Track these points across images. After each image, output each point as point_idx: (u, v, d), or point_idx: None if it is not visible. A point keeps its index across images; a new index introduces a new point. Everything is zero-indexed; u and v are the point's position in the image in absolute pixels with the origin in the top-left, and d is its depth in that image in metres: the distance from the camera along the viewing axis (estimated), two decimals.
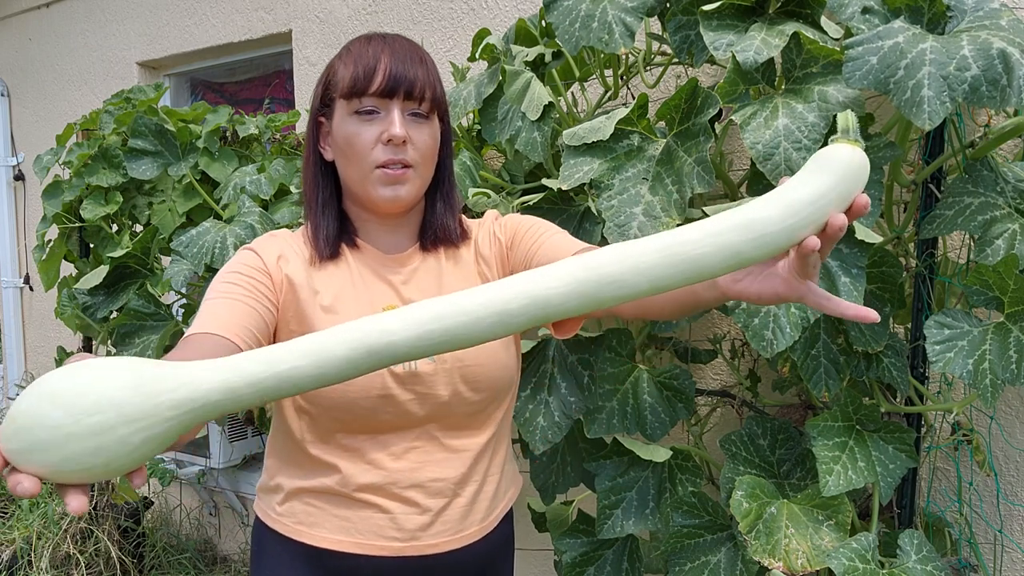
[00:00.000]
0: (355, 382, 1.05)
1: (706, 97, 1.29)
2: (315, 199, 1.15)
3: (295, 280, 1.09)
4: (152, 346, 2.08)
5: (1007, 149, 1.48)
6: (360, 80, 1.06)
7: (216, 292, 1.03)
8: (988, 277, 1.20)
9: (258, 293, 1.05)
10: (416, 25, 2.46)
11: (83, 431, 0.58)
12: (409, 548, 1.10)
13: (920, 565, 1.24)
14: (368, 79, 1.06)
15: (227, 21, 3.11)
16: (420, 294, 1.13)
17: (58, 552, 2.84)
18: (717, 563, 1.38)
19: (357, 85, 1.06)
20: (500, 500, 1.21)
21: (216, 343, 0.93)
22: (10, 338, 4.31)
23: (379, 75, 1.06)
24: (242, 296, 1.02)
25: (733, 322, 1.59)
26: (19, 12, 4.07)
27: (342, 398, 1.06)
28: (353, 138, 1.07)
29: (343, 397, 1.06)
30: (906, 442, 1.32)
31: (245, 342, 0.97)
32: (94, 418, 0.58)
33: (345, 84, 1.08)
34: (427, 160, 1.11)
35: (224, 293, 1.02)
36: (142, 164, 2.27)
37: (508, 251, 1.17)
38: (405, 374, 1.08)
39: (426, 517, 1.11)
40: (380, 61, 1.07)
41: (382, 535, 1.09)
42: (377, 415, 1.08)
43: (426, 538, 1.11)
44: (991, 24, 1.14)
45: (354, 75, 1.07)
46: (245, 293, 1.03)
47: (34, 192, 4.02)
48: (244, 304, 1.02)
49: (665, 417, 1.50)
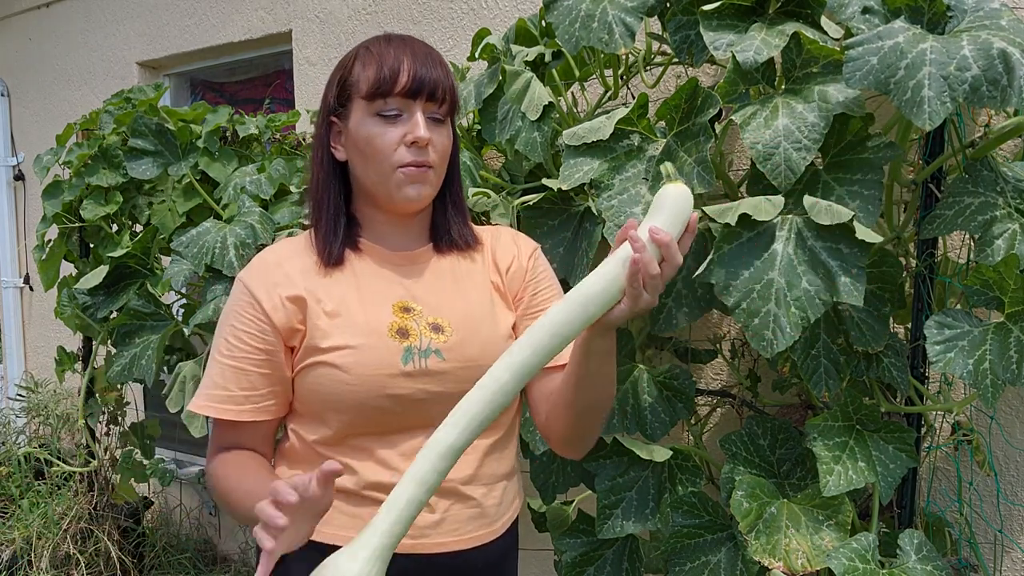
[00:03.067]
0: (365, 381, 1.06)
1: (706, 97, 1.29)
2: (325, 202, 1.15)
3: (303, 297, 1.11)
4: (152, 346, 2.08)
5: (1007, 149, 1.48)
6: (385, 81, 1.07)
7: (224, 352, 1.12)
8: (988, 277, 1.20)
9: (261, 355, 1.10)
10: (416, 25, 2.46)
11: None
12: (418, 546, 1.11)
13: (920, 565, 1.24)
14: (393, 80, 1.07)
15: (227, 21, 3.11)
16: (432, 292, 1.15)
17: (58, 552, 2.84)
18: (717, 563, 1.38)
19: (382, 86, 1.07)
20: (507, 509, 1.21)
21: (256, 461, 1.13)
22: (10, 338, 4.31)
23: (404, 76, 1.07)
24: (248, 365, 1.11)
25: (733, 322, 1.59)
26: (19, 12, 4.07)
27: (352, 398, 1.06)
28: (376, 139, 1.08)
29: (353, 397, 1.06)
30: (906, 442, 1.32)
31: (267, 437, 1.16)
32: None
33: (368, 84, 1.08)
34: (444, 161, 1.14)
35: (232, 357, 1.11)
36: (142, 164, 2.27)
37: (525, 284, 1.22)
38: (415, 370, 1.08)
39: (435, 516, 1.12)
40: (403, 62, 1.08)
41: None
42: (386, 414, 1.08)
43: (435, 536, 1.12)
44: (991, 24, 1.14)
45: (378, 76, 1.07)
46: (249, 360, 1.11)
47: (34, 192, 4.02)
48: (255, 374, 1.11)
49: (665, 417, 1.50)
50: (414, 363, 1.08)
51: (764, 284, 1.19)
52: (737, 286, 1.21)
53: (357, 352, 1.07)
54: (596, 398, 1.09)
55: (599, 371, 1.05)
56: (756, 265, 1.21)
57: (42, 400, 3.65)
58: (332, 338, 1.08)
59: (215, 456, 1.14)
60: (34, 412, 3.66)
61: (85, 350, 2.79)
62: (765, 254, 1.21)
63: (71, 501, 2.92)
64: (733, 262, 1.22)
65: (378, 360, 1.07)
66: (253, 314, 1.10)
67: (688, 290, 1.42)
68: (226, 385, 1.10)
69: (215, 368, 1.12)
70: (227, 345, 1.11)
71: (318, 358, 1.08)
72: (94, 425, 2.71)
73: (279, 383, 1.12)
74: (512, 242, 1.25)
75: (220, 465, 1.12)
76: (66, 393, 3.63)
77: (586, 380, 1.06)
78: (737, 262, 1.22)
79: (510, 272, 1.21)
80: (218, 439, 1.15)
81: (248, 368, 1.10)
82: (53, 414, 3.60)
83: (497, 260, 1.22)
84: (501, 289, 1.20)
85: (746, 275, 1.21)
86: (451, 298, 1.15)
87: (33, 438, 3.77)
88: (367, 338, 1.08)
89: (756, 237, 1.22)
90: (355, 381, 1.06)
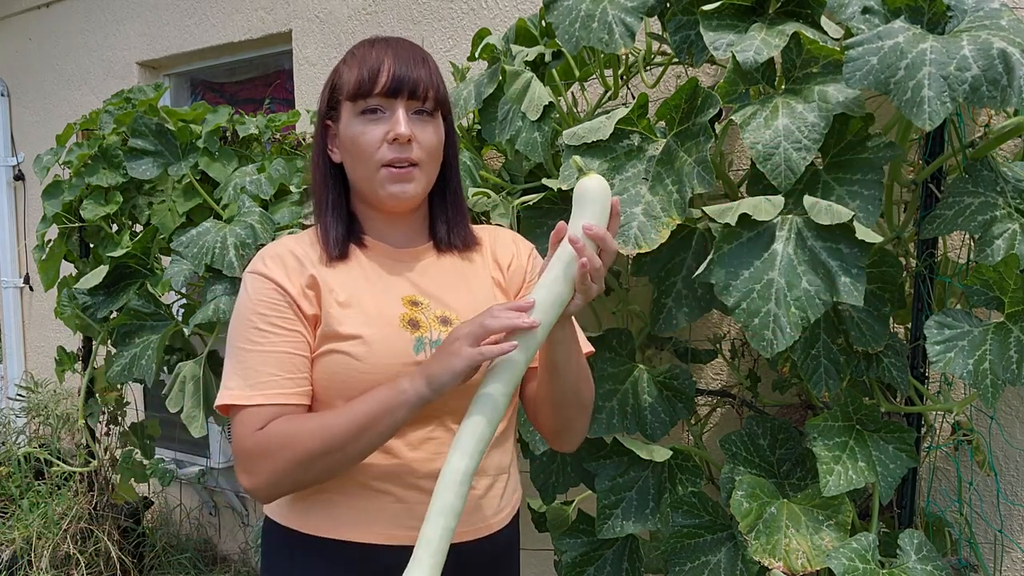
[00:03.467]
0: (378, 369, 1.07)
1: (706, 97, 1.29)
2: (324, 201, 1.18)
3: (317, 283, 1.11)
4: (152, 346, 2.08)
5: (1007, 149, 1.48)
6: (365, 82, 1.10)
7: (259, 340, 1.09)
8: (988, 277, 1.20)
9: (299, 337, 1.10)
10: (416, 25, 2.46)
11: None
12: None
13: (920, 565, 1.24)
14: (372, 80, 1.10)
15: (227, 21, 3.11)
16: (437, 287, 1.17)
17: (58, 552, 2.84)
18: (717, 563, 1.38)
19: (362, 87, 1.10)
20: (508, 500, 1.23)
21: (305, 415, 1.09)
22: (10, 338, 4.31)
23: (383, 76, 1.10)
24: (290, 348, 1.09)
25: (733, 322, 1.59)
26: (19, 12, 4.07)
27: (364, 386, 1.07)
28: (359, 138, 1.11)
29: (365, 385, 1.07)
30: (906, 442, 1.32)
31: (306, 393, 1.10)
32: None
33: (350, 86, 1.11)
34: (432, 158, 1.15)
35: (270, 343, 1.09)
36: (142, 164, 2.27)
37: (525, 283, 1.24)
38: (424, 358, 1.10)
39: None
40: (383, 63, 1.11)
41: (399, 524, 1.11)
42: None
43: None
44: (991, 24, 1.14)
45: (359, 77, 1.11)
46: (289, 343, 1.09)
47: (34, 192, 4.02)
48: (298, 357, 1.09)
49: (665, 417, 1.50)
50: (426, 353, 1.10)
51: (764, 284, 1.19)
52: (737, 286, 1.21)
53: (371, 341, 1.09)
54: (570, 387, 1.13)
55: (567, 359, 1.10)
56: (756, 265, 1.21)
57: (42, 400, 3.65)
58: (345, 326, 1.09)
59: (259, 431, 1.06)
60: (34, 412, 3.66)
61: (85, 350, 2.79)
62: (765, 254, 1.21)
63: (71, 501, 2.92)
64: (733, 262, 1.22)
65: (392, 349, 1.09)
66: (281, 299, 1.10)
67: (688, 290, 1.42)
68: (271, 371, 1.08)
69: (254, 357, 1.08)
70: (260, 333, 1.09)
71: (332, 345, 1.09)
72: (94, 425, 2.71)
73: (311, 368, 1.11)
74: (511, 241, 1.28)
75: (283, 424, 1.06)
76: (66, 393, 3.63)
77: (556, 370, 1.11)
78: (737, 262, 1.22)
79: (510, 269, 1.24)
80: (255, 423, 1.07)
81: (291, 351, 1.09)
82: (53, 414, 3.60)
83: (497, 257, 1.25)
84: (503, 285, 1.23)
85: (746, 275, 1.21)
86: (456, 292, 1.18)
87: (33, 438, 3.77)
88: (380, 328, 1.10)
89: (756, 237, 1.22)
90: (369, 369, 1.08)
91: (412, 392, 1.00)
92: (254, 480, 1.06)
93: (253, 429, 1.06)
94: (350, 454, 1.03)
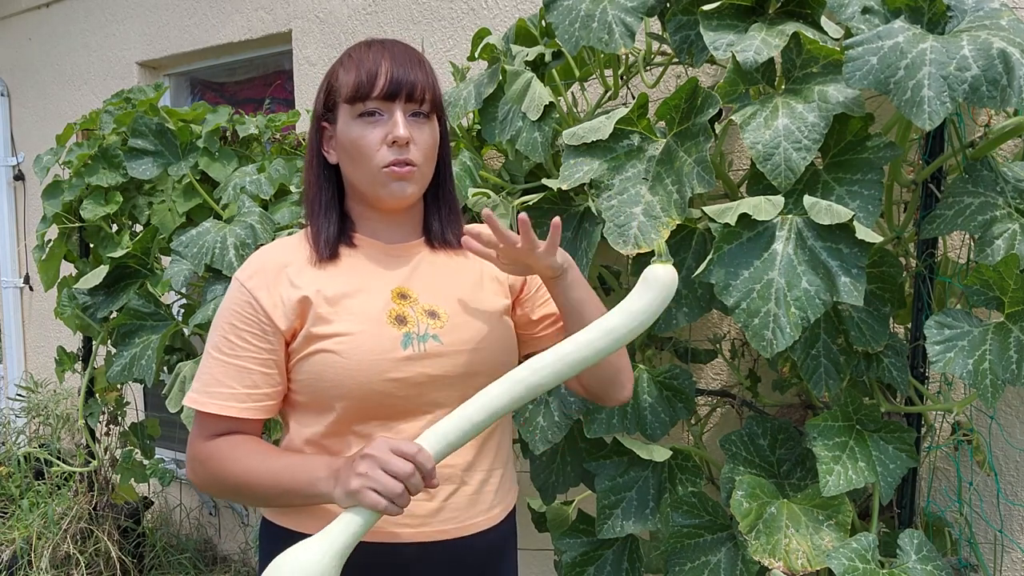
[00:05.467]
0: (365, 366, 1.09)
1: (706, 97, 1.29)
2: (318, 202, 1.19)
3: (306, 296, 1.12)
4: (152, 346, 2.08)
5: (1007, 149, 1.48)
6: (363, 84, 1.11)
7: (226, 351, 1.13)
8: (988, 277, 1.20)
9: (264, 354, 1.12)
10: (416, 25, 2.46)
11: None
12: (419, 534, 1.13)
13: (920, 565, 1.24)
14: (371, 83, 1.10)
15: (227, 21, 3.11)
16: (427, 284, 1.18)
17: (58, 552, 2.84)
18: (717, 563, 1.38)
19: (360, 90, 1.11)
20: (504, 496, 1.23)
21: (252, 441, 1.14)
22: (10, 338, 4.31)
23: (381, 79, 1.11)
24: (252, 364, 1.12)
25: (733, 322, 1.59)
26: (19, 12, 4.07)
27: (352, 382, 1.09)
28: (359, 140, 1.11)
29: (353, 381, 1.09)
30: (906, 442, 1.32)
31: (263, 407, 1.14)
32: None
33: (348, 89, 1.12)
34: (429, 158, 1.16)
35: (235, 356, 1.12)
36: (142, 164, 2.27)
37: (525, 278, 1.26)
38: (415, 354, 1.11)
39: (435, 503, 1.14)
40: (381, 65, 1.11)
41: (395, 521, 1.11)
42: (390, 397, 1.11)
43: (435, 524, 1.14)
44: (991, 24, 1.14)
45: (357, 80, 1.11)
46: (253, 359, 1.12)
47: (34, 192, 4.02)
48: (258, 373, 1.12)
49: (665, 417, 1.50)
50: (414, 347, 1.11)
51: (764, 284, 1.20)
52: (737, 286, 1.21)
53: (355, 339, 1.10)
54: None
55: (580, 301, 1.16)
56: (756, 265, 1.21)
57: (42, 400, 3.66)
58: (331, 325, 1.11)
59: (208, 440, 1.14)
60: (34, 412, 3.67)
61: (85, 350, 2.79)
62: (765, 254, 1.21)
63: (71, 501, 2.92)
64: (733, 262, 1.22)
65: (377, 346, 1.10)
66: (253, 314, 1.12)
67: (688, 290, 1.42)
68: (228, 383, 1.12)
69: (216, 366, 1.13)
70: (228, 344, 1.13)
71: (316, 345, 1.10)
72: (94, 425, 2.71)
73: (279, 384, 1.14)
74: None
75: (224, 445, 1.12)
76: (66, 393, 3.63)
77: (574, 317, 1.16)
78: (737, 262, 1.22)
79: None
80: (208, 428, 1.14)
81: (252, 367, 1.12)
82: (53, 414, 3.60)
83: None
84: (499, 278, 1.24)
85: (746, 275, 1.21)
86: (445, 285, 1.19)
87: (33, 438, 3.77)
88: (365, 325, 1.11)
89: (756, 237, 1.22)
90: (355, 366, 1.09)
91: (324, 488, 1.02)
92: (193, 478, 1.17)
93: (202, 435, 1.14)
94: (264, 501, 1.13)
